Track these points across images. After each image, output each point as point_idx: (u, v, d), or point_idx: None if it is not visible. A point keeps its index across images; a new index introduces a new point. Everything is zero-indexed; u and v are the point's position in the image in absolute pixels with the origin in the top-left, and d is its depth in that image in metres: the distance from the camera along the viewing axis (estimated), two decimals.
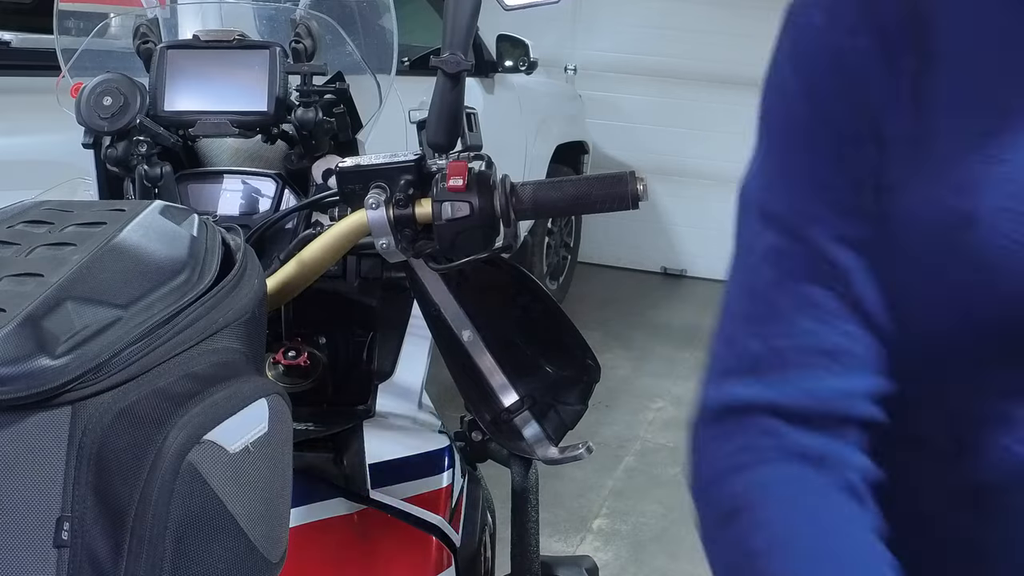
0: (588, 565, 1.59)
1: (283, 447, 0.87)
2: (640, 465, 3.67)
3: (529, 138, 4.89)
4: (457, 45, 1.06)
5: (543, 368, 1.22)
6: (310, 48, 1.39)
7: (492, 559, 1.49)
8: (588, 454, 1.21)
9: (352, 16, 1.55)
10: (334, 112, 1.34)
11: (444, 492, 1.28)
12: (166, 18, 1.50)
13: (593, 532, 3.23)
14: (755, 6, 5.85)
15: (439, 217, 1.06)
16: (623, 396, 4.06)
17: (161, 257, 0.87)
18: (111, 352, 0.77)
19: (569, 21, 6.17)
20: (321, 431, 1.27)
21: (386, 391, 1.35)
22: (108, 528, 0.76)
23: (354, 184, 1.11)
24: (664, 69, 5.97)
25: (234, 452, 0.80)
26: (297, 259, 1.13)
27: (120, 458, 0.76)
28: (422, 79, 2.40)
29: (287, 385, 1.28)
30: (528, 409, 1.21)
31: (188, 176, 1.37)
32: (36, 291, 0.77)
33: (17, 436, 0.74)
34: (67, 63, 1.47)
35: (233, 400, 0.82)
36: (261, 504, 0.83)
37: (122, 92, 1.23)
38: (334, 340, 1.37)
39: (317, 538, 1.18)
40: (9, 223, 0.89)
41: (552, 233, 5.11)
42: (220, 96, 1.30)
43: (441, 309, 1.21)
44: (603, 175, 1.08)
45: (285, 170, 1.38)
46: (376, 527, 1.22)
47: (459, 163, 1.08)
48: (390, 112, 1.50)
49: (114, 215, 0.90)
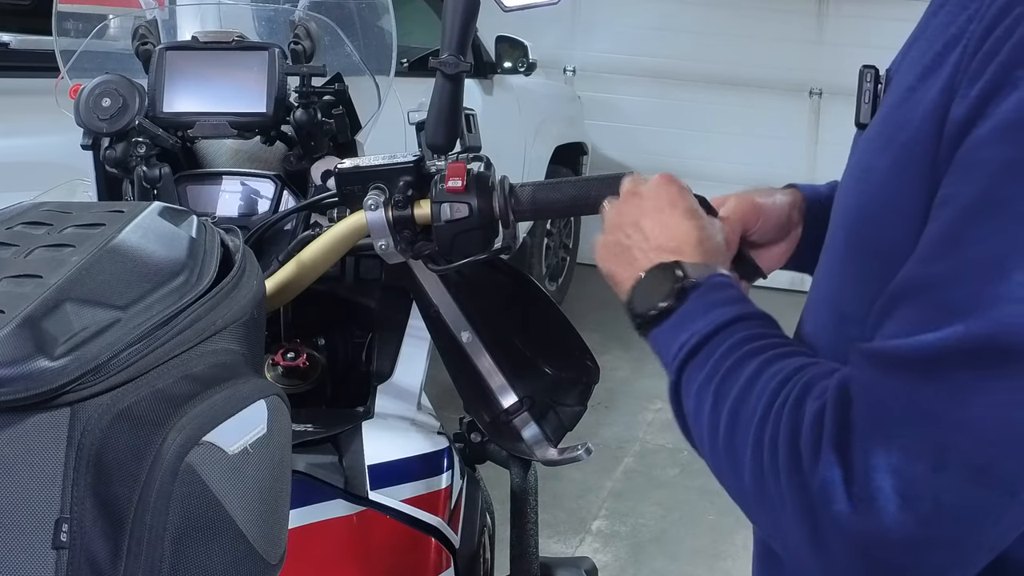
0: (587, 566, 1.59)
1: (282, 448, 0.87)
2: (639, 466, 3.67)
3: (528, 139, 4.89)
4: (456, 46, 1.06)
5: (542, 369, 1.22)
6: (309, 49, 1.39)
7: (491, 560, 1.48)
8: (587, 455, 1.21)
9: (351, 17, 1.55)
10: (333, 113, 1.34)
11: (443, 493, 1.28)
12: (165, 19, 1.50)
13: (592, 533, 3.23)
14: (755, 7, 5.86)
15: (438, 218, 1.06)
16: (622, 397, 4.05)
17: (160, 258, 0.87)
18: (110, 353, 0.77)
19: (568, 22, 6.17)
20: (320, 432, 1.26)
21: (385, 392, 1.35)
22: (107, 529, 0.76)
23: (353, 185, 1.11)
24: (663, 70, 5.97)
25: (233, 453, 0.80)
26: (296, 260, 1.13)
27: (119, 459, 0.76)
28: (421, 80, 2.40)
29: (286, 386, 1.28)
30: (527, 410, 1.21)
31: (187, 177, 1.37)
32: (35, 292, 0.76)
33: (16, 437, 0.74)
34: (66, 64, 1.47)
35: (232, 401, 0.82)
36: (260, 505, 0.83)
37: (121, 93, 1.23)
38: (333, 341, 1.37)
39: (316, 539, 1.17)
40: (8, 224, 0.89)
41: (551, 234, 5.10)
42: (219, 97, 1.30)
43: (440, 310, 1.21)
44: (602, 176, 1.08)
45: (284, 171, 1.38)
46: (375, 528, 1.22)
47: (458, 164, 1.08)
48: (389, 113, 1.50)
49: (113, 216, 0.90)
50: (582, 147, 5.63)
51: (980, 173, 0.65)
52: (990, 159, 0.65)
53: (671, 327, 0.82)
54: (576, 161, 5.55)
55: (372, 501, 1.22)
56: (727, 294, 0.83)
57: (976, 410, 0.62)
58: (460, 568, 1.29)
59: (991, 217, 0.64)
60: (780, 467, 0.69)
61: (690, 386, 0.80)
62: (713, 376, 0.77)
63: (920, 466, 0.63)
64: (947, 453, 0.62)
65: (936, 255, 0.66)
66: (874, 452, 0.64)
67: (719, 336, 0.79)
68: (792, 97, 5.73)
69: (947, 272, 0.65)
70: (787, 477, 0.68)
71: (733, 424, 0.74)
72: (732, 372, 0.76)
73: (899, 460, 0.63)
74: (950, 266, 0.65)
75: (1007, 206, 0.63)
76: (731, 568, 3.01)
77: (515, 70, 4.65)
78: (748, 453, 0.72)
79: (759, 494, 0.71)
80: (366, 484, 1.22)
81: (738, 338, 0.78)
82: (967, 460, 0.62)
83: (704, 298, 0.82)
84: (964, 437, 0.62)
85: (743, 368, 0.76)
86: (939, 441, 0.63)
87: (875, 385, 0.65)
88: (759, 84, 5.77)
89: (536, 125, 5.00)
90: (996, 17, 0.69)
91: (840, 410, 0.66)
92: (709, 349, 0.79)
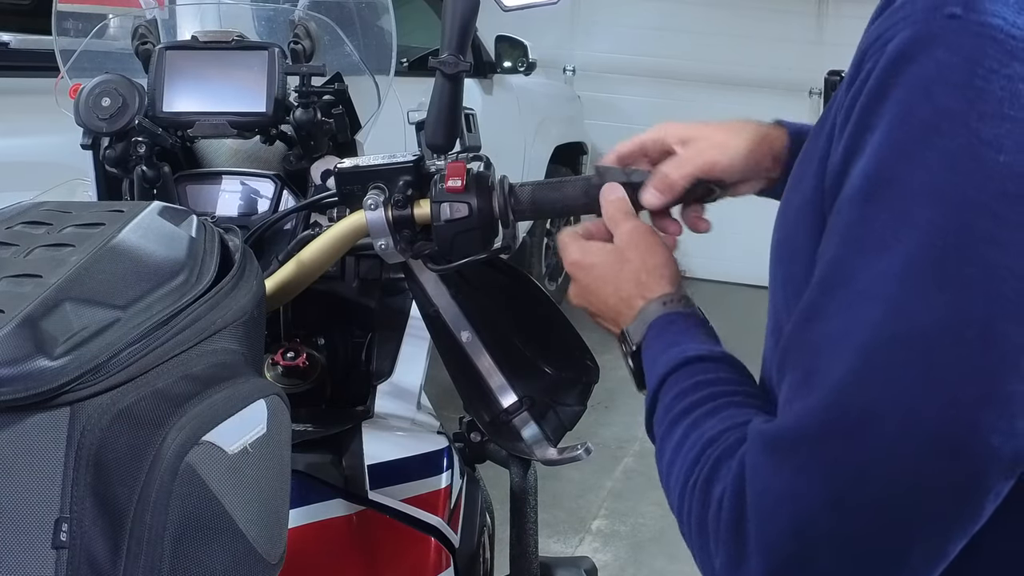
0: (587, 566, 1.59)
1: (282, 448, 0.87)
2: (639, 466, 3.67)
3: (528, 139, 4.90)
4: (456, 46, 1.06)
5: (542, 369, 1.21)
6: (309, 49, 1.39)
7: (491, 560, 1.48)
8: (587, 455, 1.21)
9: (351, 17, 1.55)
10: (333, 113, 1.34)
11: (443, 493, 1.28)
12: (165, 19, 1.50)
13: (592, 533, 3.23)
14: (755, 7, 5.86)
15: (438, 218, 1.06)
16: (622, 397, 4.05)
17: (160, 258, 0.87)
18: (110, 353, 0.77)
19: (568, 22, 6.18)
20: (320, 432, 1.26)
21: (385, 392, 1.35)
22: (107, 529, 0.76)
23: (353, 185, 1.11)
24: (663, 70, 5.97)
25: (233, 453, 0.80)
26: (296, 260, 1.13)
27: (119, 459, 0.76)
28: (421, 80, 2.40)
29: (286, 386, 1.28)
30: (527, 410, 1.21)
31: (187, 177, 1.37)
32: (35, 292, 0.76)
33: (16, 437, 0.74)
34: (66, 64, 1.47)
35: (232, 401, 0.82)
36: (260, 505, 0.83)
37: (121, 93, 1.23)
38: (333, 341, 1.37)
39: (316, 539, 1.17)
40: (8, 224, 0.89)
41: (551, 234, 5.10)
42: (219, 97, 1.30)
43: (440, 310, 1.21)
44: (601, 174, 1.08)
45: (284, 171, 1.38)
46: (375, 528, 1.22)
47: (458, 164, 1.08)
48: (389, 113, 1.50)
49: (113, 216, 0.90)
50: (582, 147, 5.63)
51: (832, 241, 0.66)
52: (840, 225, 0.65)
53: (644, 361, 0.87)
54: (576, 161, 5.55)
55: (372, 501, 1.22)
56: (663, 340, 0.85)
57: (842, 485, 0.62)
58: (460, 568, 1.29)
59: (842, 288, 0.64)
60: (693, 540, 0.71)
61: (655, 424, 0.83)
62: (660, 424, 0.81)
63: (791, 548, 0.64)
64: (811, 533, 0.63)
65: (803, 320, 0.67)
66: (759, 537, 0.65)
67: (666, 384, 0.81)
68: (792, 97, 5.73)
69: (810, 342, 0.65)
70: (699, 552, 0.70)
71: (667, 481, 0.77)
72: (667, 434, 0.78)
73: (778, 544, 0.64)
74: (812, 336, 0.65)
75: (851, 281, 0.63)
76: None
77: (515, 70, 4.65)
78: (679, 516, 0.74)
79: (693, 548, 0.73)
80: (366, 484, 1.22)
81: (675, 392, 0.80)
82: (832, 539, 0.63)
83: (647, 352, 0.86)
84: (827, 516, 0.63)
85: (674, 431, 0.78)
86: (804, 522, 0.63)
87: (758, 468, 0.66)
88: (759, 84, 5.76)
89: (536, 125, 5.00)
90: (858, 63, 0.67)
91: (737, 497, 0.67)
92: (663, 394, 0.81)
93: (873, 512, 0.62)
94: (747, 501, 0.66)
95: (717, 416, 0.75)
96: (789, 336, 0.68)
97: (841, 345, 0.63)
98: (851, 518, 0.62)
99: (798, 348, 0.67)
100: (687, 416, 0.77)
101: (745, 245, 6.51)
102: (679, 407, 0.78)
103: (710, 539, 0.68)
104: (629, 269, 0.91)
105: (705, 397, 0.78)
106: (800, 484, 0.63)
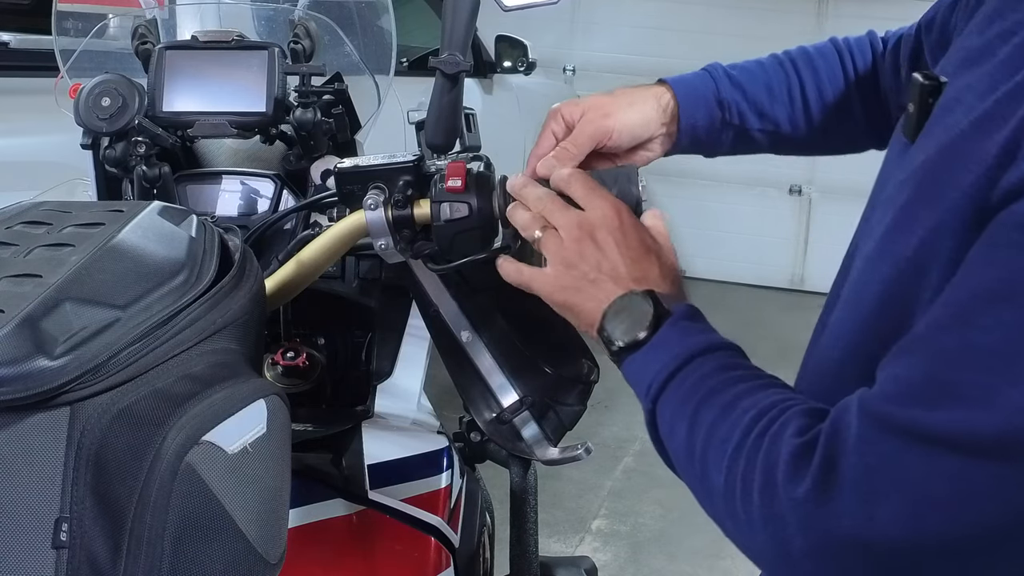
0: (587, 566, 1.59)
1: (282, 448, 0.87)
2: (639, 466, 3.67)
3: (528, 139, 4.89)
4: (456, 46, 1.06)
5: (542, 369, 1.21)
6: (308, 49, 1.39)
7: (491, 560, 1.48)
8: (587, 455, 1.21)
9: (351, 17, 1.55)
10: (332, 113, 1.34)
11: (443, 493, 1.28)
12: (164, 19, 1.50)
13: (592, 533, 3.23)
14: (755, 7, 5.86)
15: (438, 218, 1.06)
16: (622, 397, 4.05)
17: (159, 258, 0.87)
18: (110, 353, 0.77)
19: (568, 22, 6.18)
20: (320, 432, 1.26)
21: (385, 392, 1.35)
22: (107, 529, 0.76)
23: (352, 185, 1.11)
24: (662, 70, 5.91)
25: (233, 453, 0.80)
26: (296, 260, 1.13)
27: (119, 459, 0.76)
28: (421, 80, 2.40)
29: (286, 386, 1.28)
30: (527, 409, 1.20)
31: (186, 177, 1.37)
32: (35, 292, 0.77)
33: (16, 437, 0.74)
34: (66, 64, 1.47)
35: (232, 401, 0.82)
36: (260, 505, 0.83)
37: (120, 93, 1.23)
38: (333, 341, 1.37)
39: (316, 539, 1.17)
40: (8, 224, 0.89)
41: None
42: (218, 97, 1.30)
43: (440, 310, 1.21)
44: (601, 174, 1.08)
45: (283, 171, 1.38)
46: (375, 528, 1.22)
47: (458, 164, 1.08)
48: (388, 113, 1.50)
49: (112, 216, 0.90)
50: None
51: (1008, 255, 0.61)
52: (1021, 243, 0.61)
53: (645, 354, 0.84)
54: None
55: (372, 500, 1.22)
56: (697, 324, 0.84)
57: (979, 500, 0.62)
58: (460, 567, 1.29)
59: (1008, 308, 0.61)
60: (754, 494, 0.69)
61: (664, 411, 0.81)
62: (687, 403, 0.79)
63: (896, 530, 0.63)
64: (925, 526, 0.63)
65: (946, 324, 0.64)
66: (854, 502, 0.64)
67: (692, 364, 0.80)
68: None
69: (954, 349, 0.63)
70: (760, 506, 0.69)
71: (706, 450, 0.75)
72: (706, 400, 0.77)
73: (879, 518, 0.64)
74: (958, 344, 0.63)
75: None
76: (731, 568, 3.01)
77: (515, 69, 4.64)
78: (722, 479, 0.73)
79: (732, 516, 0.72)
80: (366, 483, 1.23)
81: (710, 367, 0.79)
82: (943, 541, 0.63)
83: (676, 327, 0.83)
84: (952, 525, 0.63)
85: (716, 397, 0.77)
86: (921, 514, 0.63)
87: (870, 444, 0.65)
88: None
89: (536, 124, 4.98)
90: None
91: (828, 455, 0.66)
92: (683, 376, 0.80)
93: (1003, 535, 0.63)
94: (845, 461, 0.65)
95: (769, 389, 0.76)
96: (920, 338, 0.66)
97: (1009, 366, 0.60)
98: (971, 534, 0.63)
99: (933, 354, 0.64)
100: (734, 385, 0.77)
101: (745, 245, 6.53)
102: (721, 377, 0.78)
103: (779, 486, 0.67)
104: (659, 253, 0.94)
105: (748, 374, 0.79)
106: (934, 486, 0.63)
